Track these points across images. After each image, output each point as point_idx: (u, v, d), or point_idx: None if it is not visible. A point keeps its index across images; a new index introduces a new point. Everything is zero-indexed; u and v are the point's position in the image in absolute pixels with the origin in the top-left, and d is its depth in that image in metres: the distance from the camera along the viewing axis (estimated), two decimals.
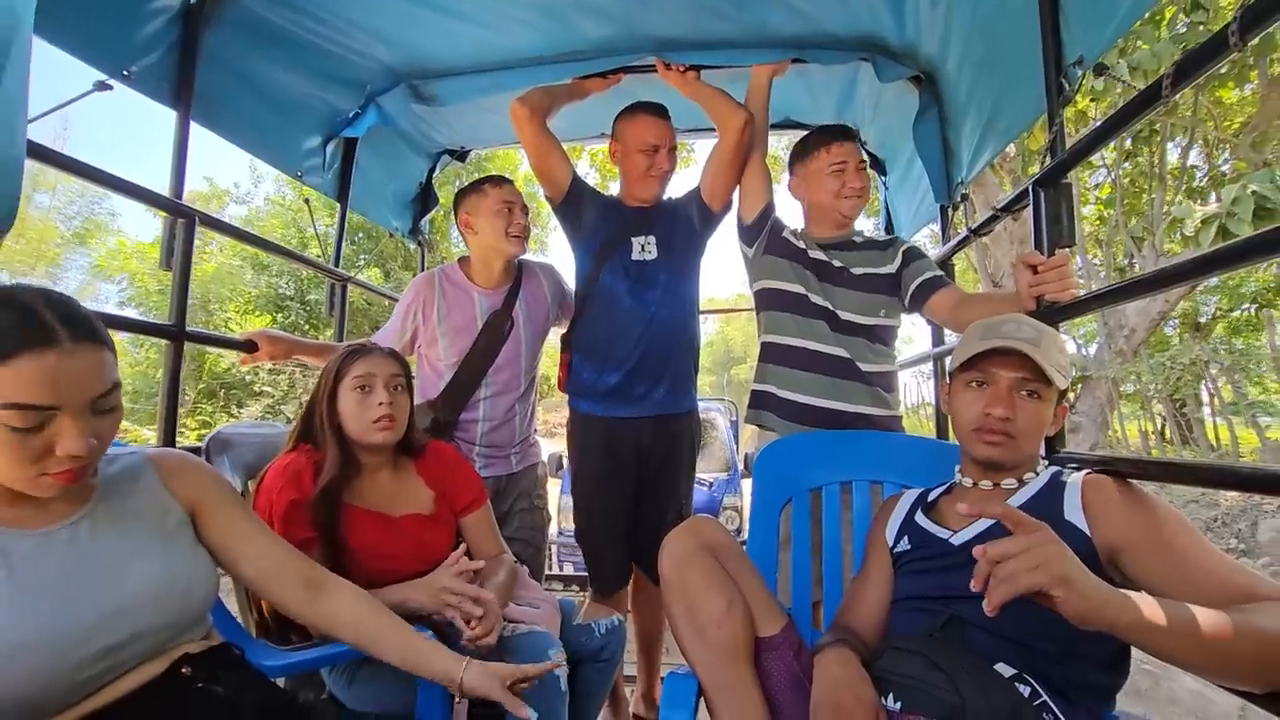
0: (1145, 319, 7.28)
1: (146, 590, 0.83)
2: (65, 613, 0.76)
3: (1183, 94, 1.06)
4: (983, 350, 1.05)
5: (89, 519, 0.83)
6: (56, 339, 0.72)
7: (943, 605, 1.00)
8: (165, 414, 1.57)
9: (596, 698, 1.43)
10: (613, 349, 1.83)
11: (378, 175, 2.61)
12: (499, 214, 1.83)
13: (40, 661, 0.72)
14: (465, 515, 1.45)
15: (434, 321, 1.85)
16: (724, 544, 1.10)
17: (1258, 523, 5.83)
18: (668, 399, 1.86)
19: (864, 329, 1.67)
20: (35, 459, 0.73)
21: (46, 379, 0.71)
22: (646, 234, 1.86)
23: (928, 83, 2.03)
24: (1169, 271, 1.01)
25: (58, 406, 0.73)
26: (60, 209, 15.64)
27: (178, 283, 1.61)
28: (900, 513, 1.20)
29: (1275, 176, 4.40)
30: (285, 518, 1.22)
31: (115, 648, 0.79)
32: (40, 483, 0.75)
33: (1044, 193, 1.31)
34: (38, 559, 0.77)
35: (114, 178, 1.46)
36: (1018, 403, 1.03)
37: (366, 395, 1.31)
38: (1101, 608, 0.69)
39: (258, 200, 16.15)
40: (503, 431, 1.89)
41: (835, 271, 1.70)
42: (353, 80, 2.16)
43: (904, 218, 2.61)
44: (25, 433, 0.71)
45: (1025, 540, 0.72)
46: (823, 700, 0.91)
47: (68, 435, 0.73)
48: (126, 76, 1.53)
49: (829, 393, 1.65)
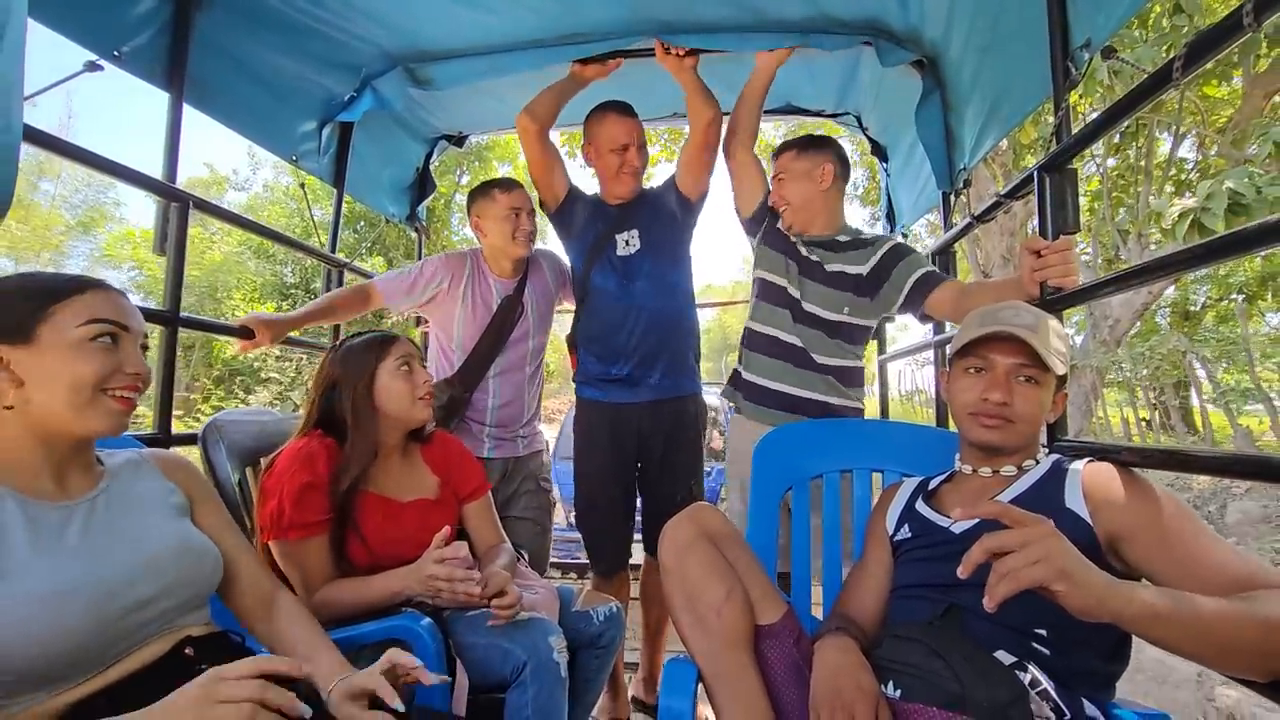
0: (1129, 310, 7.41)
1: (168, 549, 0.88)
2: (96, 567, 0.80)
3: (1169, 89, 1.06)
4: (980, 336, 1.05)
5: (104, 496, 0.88)
6: (109, 286, 0.88)
7: (943, 593, 1.00)
8: (160, 400, 1.55)
9: (595, 684, 1.43)
10: (610, 342, 1.90)
11: (374, 160, 2.58)
12: (506, 219, 1.92)
13: (78, 610, 0.76)
14: (468, 503, 1.49)
15: (459, 294, 1.95)
16: (724, 532, 1.10)
17: (1226, 505, 5.94)
18: (665, 383, 1.91)
19: (824, 323, 1.74)
20: (109, 373, 0.83)
21: (115, 304, 0.86)
22: (629, 229, 1.93)
23: (931, 67, 2.01)
24: (1173, 258, 1.00)
25: (126, 327, 0.86)
26: (66, 197, 16.07)
27: (172, 267, 1.60)
28: (901, 501, 1.20)
29: (1251, 174, 4.46)
30: (297, 501, 1.22)
31: (147, 601, 0.83)
32: (102, 403, 0.83)
33: (1049, 178, 1.30)
34: (62, 527, 0.82)
35: (107, 161, 1.44)
36: (1015, 388, 1.03)
37: (410, 374, 1.38)
38: (1104, 601, 0.69)
39: (256, 186, 16.20)
40: (511, 409, 1.98)
41: (812, 266, 1.76)
42: (348, 63, 2.13)
43: (905, 205, 2.59)
44: (105, 345, 0.83)
45: (1025, 534, 0.72)
46: (822, 688, 0.91)
47: (132, 353, 0.86)
48: (117, 57, 1.51)
49: (785, 378, 1.75)
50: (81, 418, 0.82)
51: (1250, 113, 5.91)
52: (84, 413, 0.82)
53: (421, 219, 2.97)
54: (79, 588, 0.77)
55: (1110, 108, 1.18)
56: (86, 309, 0.83)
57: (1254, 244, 0.81)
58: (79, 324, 0.81)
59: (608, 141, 1.89)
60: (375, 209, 2.79)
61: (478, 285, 1.97)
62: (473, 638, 1.21)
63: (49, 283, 0.83)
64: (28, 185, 15.65)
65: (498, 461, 1.95)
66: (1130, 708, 0.85)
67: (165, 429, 1.54)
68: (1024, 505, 1.00)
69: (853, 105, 2.53)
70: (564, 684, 1.19)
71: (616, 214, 1.95)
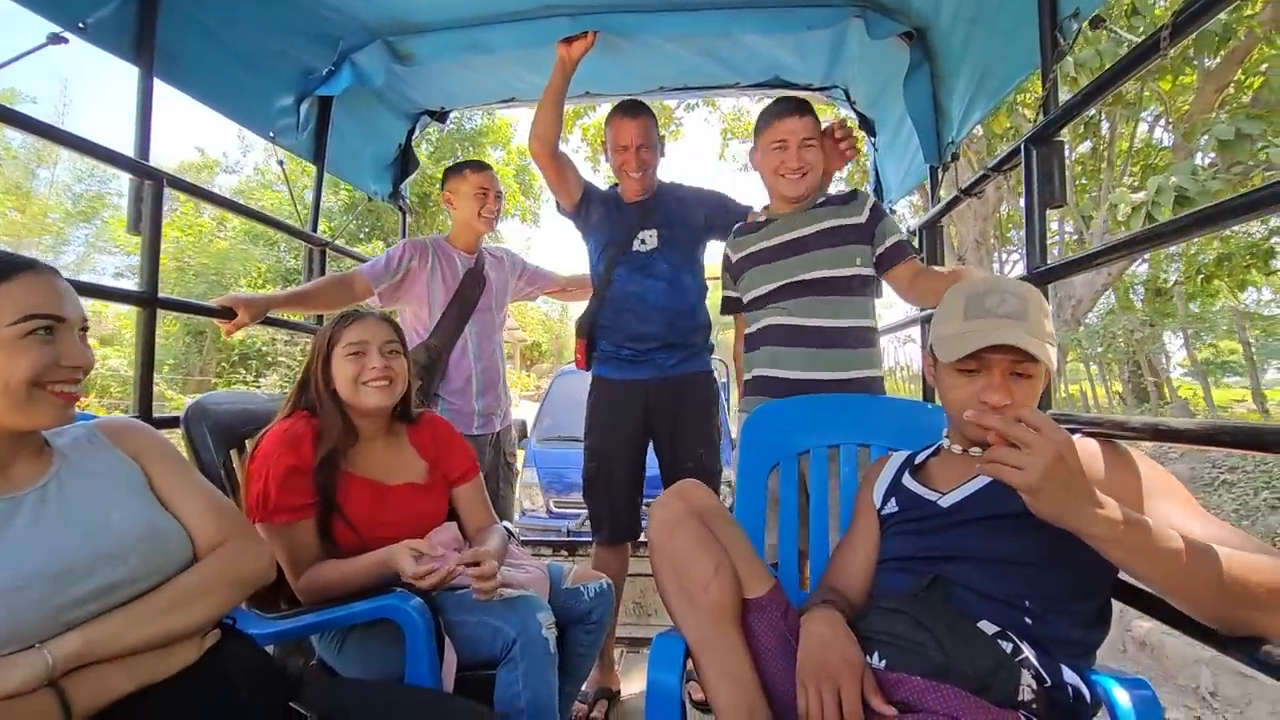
0: (1090, 290, 7.77)
1: (133, 533, 0.84)
2: (48, 559, 0.76)
3: (1129, 82, 1.07)
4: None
5: (55, 481, 0.84)
6: (48, 268, 0.83)
7: (928, 565, 1.00)
8: (140, 382, 1.53)
9: (586, 659, 1.44)
10: (625, 331, 1.98)
11: (355, 136, 2.52)
12: (475, 197, 2.13)
13: (27, 604, 0.72)
14: (458, 486, 1.48)
15: (427, 268, 2.12)
16: (711, 507, 1.10)
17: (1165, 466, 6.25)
18: (671, 363, 1.98)
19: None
20: (44, 369, 0.79)
21: (47, 291, 0.81)
22: (648, 228, 2.00)
23: (919, 39, 1.99)
24: (1159, 230, 1.00)
25: (64, 318, 0.81)
26: (68, 185, 16.52)
27: (147, 247, 1.56)
28: (888, 475, 1.20)
29: (1195, 169, 4.77)
30: (283, 483, 1.21)
31: (110, 588, 0.79)
32: (41, 399, 0.79)
33: (1036, 150, 1.29)
34: (9, 520, 0.78)
35: (73, 136, 1.40)
36: (1012, 386, 1.01)
37: (360, 359, 1.33)
38: (1063, 519, 0.76)
39: (247, 170, 16.20)
40: (490, 372, 2.20)
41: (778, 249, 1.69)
42: (325, 35, 2.07)
43: (893, 179, 2.58)
44: (40, 339, 0.79)
45: (1034, 439, 0.76)
46: (809, 660, 0.91)
47: (71, 345, 0.82)
48: (83, 29, 1.45)
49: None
50: (21, 415, 0.79)
51: (1203, 106, 6.13)
52: (23, 410, 0.79)
53: (405, 197, 2.92)
54: (30, 582, 0.73)
55: (1098, 78, 1.17)
56: (14, 305, 0.78)
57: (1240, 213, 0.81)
58: (8, 323, 0.77)
59: (613, 143, 1.97)
60: (357, 186, 2.74)
61: (442, 260, 2.15)
62: (462, 615, 1.21)
63: None
64: (25, 173, 15.86)
65: (486, 436, 2.17)
66: (1109, 674, 0.87)
67: (146, 411, 1.52)
68: None
69: (840, 79, 2.50)
70: (553, 660, 1.20)
71: (635, 213, 2.02)
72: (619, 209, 2.04)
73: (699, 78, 2.46)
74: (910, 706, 0.85)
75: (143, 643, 0.79)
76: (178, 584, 0.85)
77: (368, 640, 1.23)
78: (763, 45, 2.23)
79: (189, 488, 0.96)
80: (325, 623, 1.19)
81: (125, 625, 0.78)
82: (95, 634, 0.75)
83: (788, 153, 1.62)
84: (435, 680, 1.11)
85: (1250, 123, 4.58)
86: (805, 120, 1.63)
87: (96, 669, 0.74)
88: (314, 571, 1.23)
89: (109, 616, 0.78)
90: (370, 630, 1.22)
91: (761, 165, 1.70)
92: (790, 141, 1.62)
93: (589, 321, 2.04)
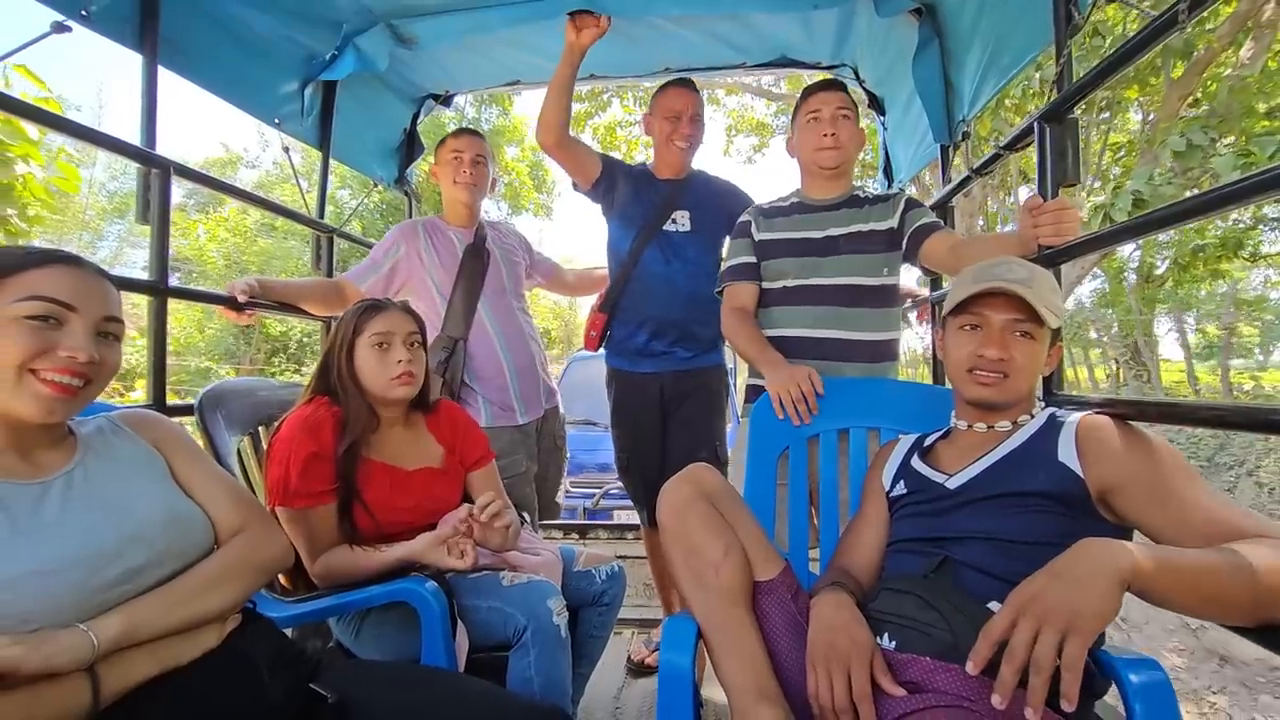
0: (1066, 281, 7.70)
1: (158, 517, 0.85)
2: (80, 542, 0.77)
3: (1102, 86, 1.06)
4: (975, 293, 1.04)
5: (80, 468, 0.85)
6: (82, 263, 0.84)
7: (937, 547, 1.01)
8: (154, 371, 1.54)
9: (598, 642, 1.46)
10: (644, 311, 1.98)
11: (360, 121, 2.51)
12: (450, 163, 2.03)
13: (63, 587, 0.74)
14: (473, 471, 1.49)
15: (419, 252, 2.02)
16: (721, 490, 1.11)
17: None
18: (686, 356, 1.99)
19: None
20: (38, 352, 0.77)
21: (70, 282, 0.80)
22: (681, 207, 1.99)
23: (929, 15, 1.95)
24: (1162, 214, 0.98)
25: (75, 308, 0.80)
26: (104, 183, 16.74)
27: (156, 237, 1.56)
28: (897, 458, 1.21)
29: (1151, 175, 5.15)
30: (304, 470, 1.22)
31: (137, 571, 0.80)
32: (27, 385, 0.78)
33: (1049, 128, 1.27)
34: (39, 505, 0.79)
35: (79, 126, 1.40)
36: (1011, 342, 1.03)
37: (385, 352, 1.33)
38: (1108, 600, 0.70)
39: (266, 164, 16.52)
40: (521, 357, 2.04)
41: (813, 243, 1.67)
42: (328, 19, 2.05)
43: (903, 159, 2.55)
44: (39, 324, 0.78)
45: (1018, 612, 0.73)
46: (819, 641, 0.92)
47: (76, 336, 0.80)
48: (85, 16, 1.44)
49: None
50: (13, 400, 0.78)
51: (1169, 113, 6.22)
52: (13, 394, 0.77)
53: (410, 182, 2.91)
54: (63, 565, 0.74)
55: (1112, 54, 1.15)
56: (28, 286, 0.78)
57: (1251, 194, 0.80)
58: (14, 300, 0.77)
59: (663, 109, 1.95)
60: (362, 172, 2.73)
61: (436, 239, 2.05)
62: (475, 600, 1.23)
63: (3, 258, 0.79)
64: (73, 174, 15.88)
65: (531, 424, 2.06)
66: (1118, 654, 0.87)
67: (160, 400, 1.53)
68: (1018, 459, 1.01)
69: (849, 57, 2.46)
70: (565, 645, 1.21)
71: (669, 192, 2.00)
72: (650, 185, 2.02)
73: (705, 58, 2.42)
74: (920, 687, 0.86)
75: (176, 626, 0.80)
76: (204, 569, 0.87)
77: (384, 623, 1.25)
78: (769, 24, 2.20)
79: (208, 476, 0.98)
80: (343, 605, 1.21)
81: (161, 608, 0.79)
82: (135, 616, 0.76)
83: (822, 123, 1.62)
84: (451, 662, 1.13)
85: (1200, 134, 4.99)
86: (838, 94, 1.65)
87: (123, 653, 0.76)
88: (331, 556, 1.24)
89: (143, 599, 0.79)
90: (386, 613, 1.23)
91: (800, 144, 1.69)
92: (824, 111, 1.62)
93: (612, 300, 2.03)
